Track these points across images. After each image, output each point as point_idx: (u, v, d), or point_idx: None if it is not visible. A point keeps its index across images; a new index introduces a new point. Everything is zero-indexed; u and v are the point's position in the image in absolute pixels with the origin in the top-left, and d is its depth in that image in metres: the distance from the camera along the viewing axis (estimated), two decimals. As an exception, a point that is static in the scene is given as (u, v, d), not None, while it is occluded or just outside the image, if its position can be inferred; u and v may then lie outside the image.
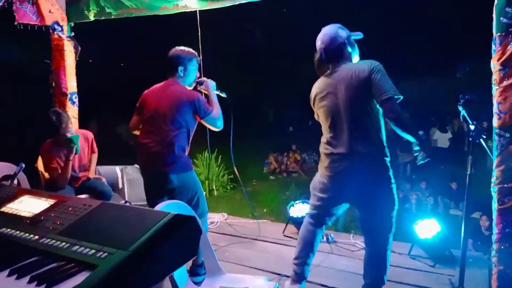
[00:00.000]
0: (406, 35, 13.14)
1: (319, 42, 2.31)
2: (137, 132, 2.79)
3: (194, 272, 2.58)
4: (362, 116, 2.17)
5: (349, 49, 2.29)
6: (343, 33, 2.29)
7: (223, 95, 2.83)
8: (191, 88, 2.76)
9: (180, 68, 2.66)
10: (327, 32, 2.30)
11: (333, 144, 2.25)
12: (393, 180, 2.23)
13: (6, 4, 3.46)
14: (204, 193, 2.85)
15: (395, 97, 2.09)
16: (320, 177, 2.37)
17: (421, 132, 2.18)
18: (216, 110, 2.69)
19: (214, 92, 2.77)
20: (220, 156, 7.58)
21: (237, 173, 3.40)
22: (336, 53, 2.27)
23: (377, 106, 2.15)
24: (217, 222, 4.24)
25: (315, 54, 2.36)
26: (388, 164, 2.22)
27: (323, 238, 3.57)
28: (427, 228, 3.27)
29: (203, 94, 2.77)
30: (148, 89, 2.77)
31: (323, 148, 2.34)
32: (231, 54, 13.82)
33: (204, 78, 2.83)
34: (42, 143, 3.40)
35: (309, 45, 2.86)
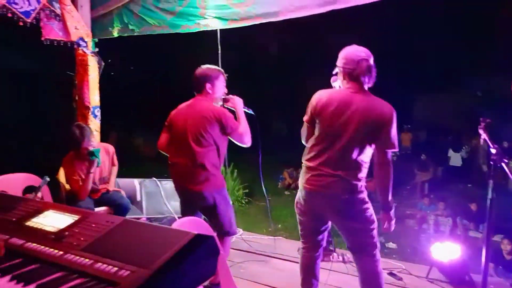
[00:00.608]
0: (424, 52, 13.08)
1: (363, 54, 2.22)
2: (165, 151, 2.84)
3: (210, 291, 2.58)
4: (357, 149, 2.18)
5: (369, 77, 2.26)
6: None
7: (250, 112, 2.85)
8: (219, 105, 2.79)
9: (208, 86, 2.70)
10: (368, 51, 2.25)
11: (320, 160, 2.25)
12: (367, 200, 2.26)
13: (34, 20, 3.60)
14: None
15: (393, 150, 2.20)
16: (299, 191, 2.39)
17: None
18: (243, 126, 2.70)
19: (241, 109, 2.79)
20: (236, 170, 7.60)
21: (263, 187, 3.41)
22: (368, 71, 2.22)
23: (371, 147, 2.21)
24: (233, 237, 4.24)
25: (361, 64, 2.20)
26: (362, 188, 2.24)
27: (338, 257, 3.54)
28: (446, 250, 3.20)
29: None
30: (177, 108, 2.82)
31: (309, 161, 2.31)
32: (245, 68, 13.97)
33: (231, 96, 2.86)
34: (63, 154, 3.48)
35: (324, 61, 2.88)
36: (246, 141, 2.70)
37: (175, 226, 1.83)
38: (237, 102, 2.81)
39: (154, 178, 4.37)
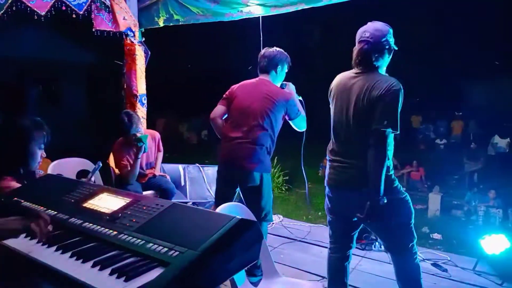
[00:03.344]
0: (478, 34, 12.34)
1: (367, 34, 2.08)
2: (216, 123, 2.76)
3: (251, 273, 2.64)
4: (366, 132, 2.00)
5: (386, 56, 2.12)
6: (391, 38, 2.11)
7: (300, 98, 2.88)
8: None
9: (279, 68, 2.74)
10: (378, 27, 2.09)
11: (336, 151, 2.19)
12: (399, 189, 2.10)
13: (86, 12, 3.76)
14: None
15: (388, 130, 1.94)
16: (326, 187, 2.30)
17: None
18: (303, 112, 2.77)
19: (296, 95, 2.82)
20: (276, 157, 7.62)
21: (305, 175, 3.44)
22: (377, 51, 2.07)
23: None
24: (273, 223, 4.30)
25: (360, 46, 2.11)
26: (392, 177, 2.08)
27: (380, 247, 3.49)
28: (495, 243, 3.08)
29: None
30: (240, 83, 2.79)
31: (327, 154, 2.27)
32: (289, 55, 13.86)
33: (288, 82, 2.88)
34: (113, 141, 3.66)
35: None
36: (304, 126, 2.79)
37: (219, 211, 1.90)
38: (292, 89, 2.83)
39: (197, 164, 4.49)
